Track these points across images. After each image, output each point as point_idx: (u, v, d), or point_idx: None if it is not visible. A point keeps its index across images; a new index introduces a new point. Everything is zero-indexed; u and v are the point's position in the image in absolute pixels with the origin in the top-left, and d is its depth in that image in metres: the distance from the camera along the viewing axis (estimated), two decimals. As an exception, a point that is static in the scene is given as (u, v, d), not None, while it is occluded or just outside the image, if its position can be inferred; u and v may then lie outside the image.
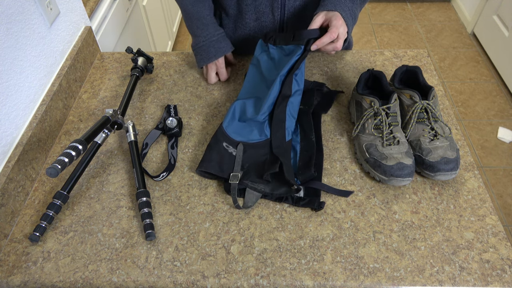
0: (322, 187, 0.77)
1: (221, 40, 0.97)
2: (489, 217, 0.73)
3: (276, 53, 0.90)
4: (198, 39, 0.97)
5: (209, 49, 0.96)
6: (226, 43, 0.98)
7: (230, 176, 0.77)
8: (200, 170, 0.79)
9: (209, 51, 0.96)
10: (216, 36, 0.96)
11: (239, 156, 0.81)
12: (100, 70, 1.07)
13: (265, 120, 0.86)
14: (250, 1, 0.94)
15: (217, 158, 0.80)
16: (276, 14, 0.95)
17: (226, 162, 0.80)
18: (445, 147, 0.77)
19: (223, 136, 0.84)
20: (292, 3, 0.94)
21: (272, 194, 0.76)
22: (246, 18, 0.97)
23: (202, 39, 0.96)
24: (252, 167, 0.80)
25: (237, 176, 0.77)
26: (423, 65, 1.06)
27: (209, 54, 0.96)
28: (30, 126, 0.82)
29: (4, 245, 0.72)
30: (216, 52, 0.96)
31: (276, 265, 0.68)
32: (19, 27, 0.81)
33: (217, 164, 0.79)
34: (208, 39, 0.96)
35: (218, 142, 0.83)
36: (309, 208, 0.75)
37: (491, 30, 2.61)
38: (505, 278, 0.66)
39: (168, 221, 0.74)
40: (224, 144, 0.82)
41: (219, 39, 0.96)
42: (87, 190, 0.79)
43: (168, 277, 0.67)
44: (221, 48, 0.97)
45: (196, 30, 0.96)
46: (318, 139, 0.86)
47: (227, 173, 0.78)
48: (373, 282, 0.65)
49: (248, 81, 0.93)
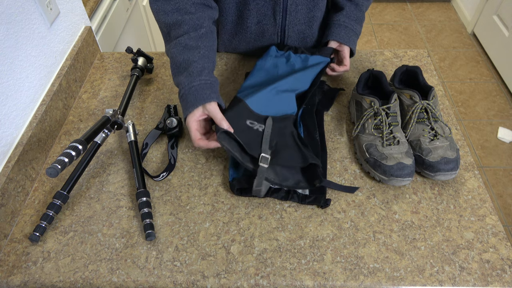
0: (327, 184, 0.77)
1: (204, 87, 0.76)
2: (489, 217, 0.73)
3: (297, 61, 0.95)
4: (179, 88, 0.78)
5: (188, 98, 0.76)
6: (211, 91, 0.76)
7: (260, 157, 0.72)
8: (225, 133, 0.72)
9: (187, 100, 0.76)
10: (198, 82, 0.76)
11: (267, 132, 0.73)
12: (100, 70, 1.07)
13: (296, 94, 0.86)
14: (253, 5, 0.93)
15: (241, 136, 0.72)
16: (278, 18, 0.95)
17: (252, 141, 0.73)
18: (445, 147, 0.77)
19: (246, 112, 0.75)
20: (294, 8, 0.94)
21: (281, 184, 0.74)
22: (248, 22, 0.97)
23: (182, 86, 0.77)
24: (281, 146, 0.74)
25: (267, 159, 0.72)
26: (423, 65, 1.06)
27: (187, 103, 0.76)
28: (30, 126, 0.82)
29: (4, 245, 0.72)
30: (195, 100, 0.75)
31: (276, 265, 0.68)
32: (19, 27, 0.81)
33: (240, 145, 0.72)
34: (188, 85, 0.76)
35: (240, 119, 0.74)
36: (309, 208, 0.75)
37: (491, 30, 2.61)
38: (505, 278, 0.66)
39: (168, 221, 0.74)
40: (248, 122, 0.74)
41: (201, 86, 0.76)
42: (87, 190, 0.79)
43: (168, 277, 0.67)
44: (202, 95, 0.75)
45: (179, 77, 0.79)
46: (322, 137, 0.86)
47: (255, 152, 0.73)
48: (373, 282, 0.65)
49: (257, 76, 0.89)
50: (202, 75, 0.77)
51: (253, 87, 0.85)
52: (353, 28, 0.97)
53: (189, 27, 0.80)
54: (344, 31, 0.96)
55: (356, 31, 0.98)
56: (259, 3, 0.93)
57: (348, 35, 0.96)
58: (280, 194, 0.76)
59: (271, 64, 0.93)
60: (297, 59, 0.94)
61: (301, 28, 0.99)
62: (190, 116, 0.76)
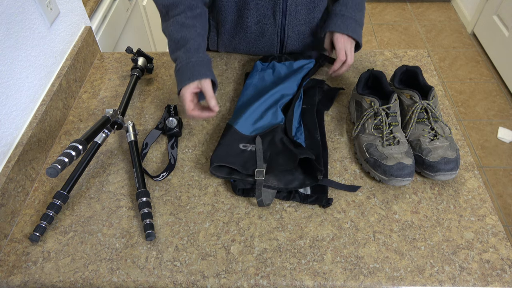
0: (329, 183, 0.77)
1: (201, 64, 0.82)
2: (489, 217, 0.73)
3: (283, 69, 0.98)
4: (176, 62, 0.84)
5: (184, 72, 0.82)
6: (207, 69, 0.82)
7: (255, 172, 0.75)
8: (218, 165, 0.76)
9: (183, 74, 0.82)
10: (196, 58, 0.82)
11: (259, 149, 0.78)
12: (100, 70, 1.07)
13: (280, 105, 0.88)
14: (252, 5, 0.94)
15: (237, 161, 0.77)
16: (278, 18, 0.95)
17: (247, 161, 0.77)
18: (445, 147, 0.77)
19: (237, 136, 0.81)
20: (294, 8, 0.94)
21: (286, 188, 0.75)
22: (248, 21, 0.97)
23: (179, 61, 0.83)
24: (274, 155, 0.78)
25: (262, 172, 0.75)
26: (423, 65, 1.06)
27: (182, 77, 0.81)
28: (30, 126, 0.82)
29: (4, 245, 0.72)
30: (191, 75, 0.81)
31: (276, 265, 0.68)
32: (19, 27, 0.81)
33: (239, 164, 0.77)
34: (185, 60, 0.82)
35: (233, 145, 0.80)
36: (309, 208, 0.75)
37: (491, 30, 2.61)
38: (505, 278, 0.66)
39: (168, 221, 0.74)
40: (241, 146, 0.80)
41: (198, 62, 0.82)
42: (87, 190, 0.79)
43: (168, 277, 0.67)
44: (198, 72, 0.81)
45: (177, 52, 0.84)
46: (322, 137, 0.86)
47: (251, 170, 0.76)
48: (373, 282, 0.65)
49: (246, 94, 0.93)
50: (199, 53, 0.84)
51: (241, 108, 0.89)
52: (351, 15, 0.91)
53: (185, 7, 0.86)
54: (341, 20, 0.91)
55: (356, 18, 0.92)
56: (259, 3, 0.93)
57: (346, 23, 0.91)
58: (282, 194, 0.76)
59: (258, 79, 0.97)
60: (282, 67, 0.99)
61: (301, 29, 0.99)
62: (185, 88, 0.81)
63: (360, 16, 0.93)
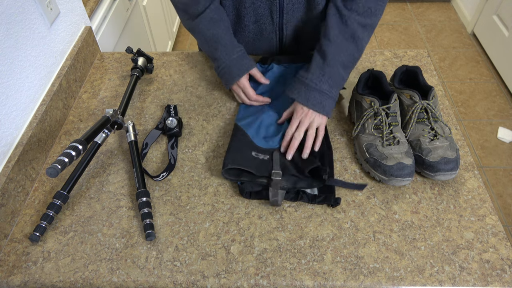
0: (336, 183, 0.77)
1: (243, 58, 0.92)
2: (489, 217, 0.73)
3: (282, 71, 1.01)
4: (219, 62, 0.93)
5: (231, 69, 0.91)
6: (248, 60, 0.93)
7: (272, 173, 0.76)
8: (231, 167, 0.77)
9: (231, 71, 0.91)
10: (236, 54, 0.92)
11: (276, 158, 0.80)
12: (100, 70, 1.07)
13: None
14: (249, 4, 0.94)
15: (250, 165, 0.78)
16: (275, 17, 0.95)
17: (259, 166, 0.79)
18: (445, 147, 0.77)
19: (250, 144, 0.83)
20: (291, 7, 0.94)
21: (294, 188, 0.75)
22: (245, 20, 0.97)
23: (223, 60, 0.92)
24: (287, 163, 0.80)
25: (279, 174, 0.76)
26: (423, 65, 1.06)
27: (232, 73, 0.91)
28: (30, 126, 0.82)
29: (4, 245, 0.72)
30: (239, 71, 0.91)
31: (276, 265, 0.68)
32: (19, 27, 0.81)
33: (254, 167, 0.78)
34: (228, 58, 0.91)
35: (246, 151, 0.81)
36: (309, 208, 0.75)
37: (491, 30, 2.61)
38: (505, 278, 0.66)
39: (168, 221, 0.74)
40: (253, 153, 0.81)
41: (239, 57, 0.92)
42: (87, 190, 0.80)
43: (168, 277, 0.67)
44: (244, 65, 0.92)
45: (215, 52, 0.93)
46: (326, 136, 0.86)
47: (266, 173, 0.77)
48: (373, 282, 0.65)
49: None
50: (235, 47, 0.93)
51: (250, 115, 0.91)
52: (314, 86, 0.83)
53: (206, 1, 0.90)
54: (297, 87, 0.85)
55: (321, 88, 0.82)
56: (255, 2, 0.93)
57: (303, 89, 0.84)
58: (290, 195, 0.76)
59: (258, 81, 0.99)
60: (281, 68, 1.02)
61: (299, 27, 0.99)
62: (240, 81, 0.92)
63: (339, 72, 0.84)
